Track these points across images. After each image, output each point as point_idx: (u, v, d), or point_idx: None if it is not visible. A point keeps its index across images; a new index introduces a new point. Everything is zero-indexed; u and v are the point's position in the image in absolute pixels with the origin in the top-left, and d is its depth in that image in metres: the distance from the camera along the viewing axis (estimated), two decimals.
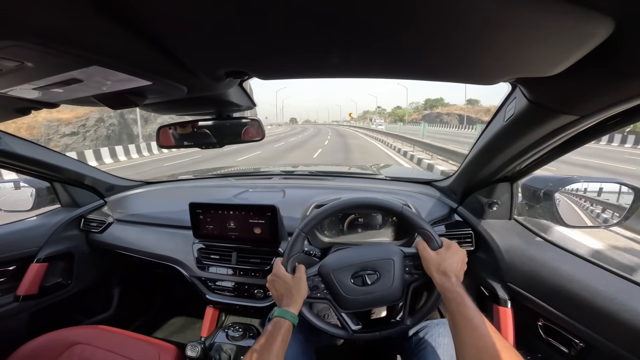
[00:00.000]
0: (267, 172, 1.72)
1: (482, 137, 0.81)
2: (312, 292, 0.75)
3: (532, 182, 0.92)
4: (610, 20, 0.32)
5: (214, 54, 0.45)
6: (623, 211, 0.81)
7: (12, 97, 0.54)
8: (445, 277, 0.65)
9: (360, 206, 0.89)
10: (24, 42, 0.33)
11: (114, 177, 1.47)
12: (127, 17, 0.33)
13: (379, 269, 0.74)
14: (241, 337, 1.10)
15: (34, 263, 1.17)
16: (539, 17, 0.31)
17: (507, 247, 0.91)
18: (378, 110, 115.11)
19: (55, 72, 0.42)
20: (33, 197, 1.25)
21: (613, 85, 0.43)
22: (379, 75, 0.53)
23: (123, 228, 1.31)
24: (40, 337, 0.94)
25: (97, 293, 1.46)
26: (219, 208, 1.05)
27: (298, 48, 0.42)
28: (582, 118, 0.53)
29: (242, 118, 0.84)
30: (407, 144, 12.58)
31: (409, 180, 1.37)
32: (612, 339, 0.62)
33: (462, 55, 0.42)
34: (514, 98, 0.63)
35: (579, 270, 0.75)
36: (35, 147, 1.07)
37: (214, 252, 1.11)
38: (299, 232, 0.78)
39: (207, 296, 1.12)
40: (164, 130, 0.85)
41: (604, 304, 0.65)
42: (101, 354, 0.90)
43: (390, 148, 13.55)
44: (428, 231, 0.73)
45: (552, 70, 0.43)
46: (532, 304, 0.81)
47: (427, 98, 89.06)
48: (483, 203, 0.98)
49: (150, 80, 0.48)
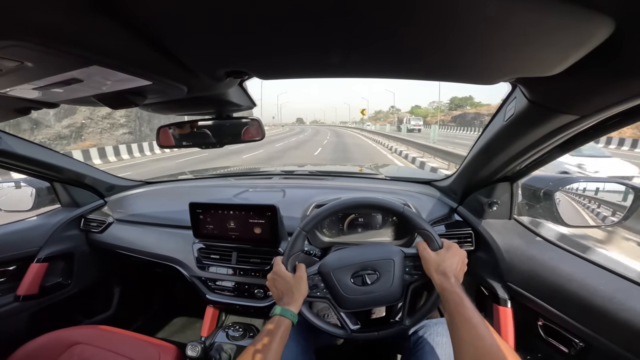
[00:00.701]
0: (267, 172, 1.72)
1: (482, 137, 0.82)
2: (311, 291, 0.75)
3: (532, 181, 0.92)
4: (611, 20, 0.32)
5: (214, 54, 0.45)
6: (623, 210, 0.81)
7: (12, 97, 0.54)
8: (444, 277, 0.65)
9: (361, 206, 0.89)
10: (24, 42, 0.33)
11: (114, 177, 1.47)
12: (127, 17, 0.33)
13: (379, 269, 0.74)
14: (241, 337, 1.10)
15: (34, 263, 1.17)
16: (539, 16, 0.31)
17: (507, 246, 0.91)
18: (392, 110, 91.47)
19: (55, 72, 0.42)
20: (33, 197, 1.25)
21: (613, 85, 0.43)
22: (379, 75, 0.53)
23: (123, 228, 1.31)
24: (40, 337, 0.94)
25: (97, 293, 1.46)
26: (219, 208, 1.05)
27: (298, 48, 0.42)
28: (582, 118, 0.53)
29: (242, 118, 0.83)
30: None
31: (409, 180, 1.37)
32: (612, 338, 0.63)
33: (461, 55, 0.42)
34: (514, 98, 0.63)
35: (578, 269, 0.75)
36: (35, 147, 1.07)
37: (214, 252, 1.11)
38: (299, 230, 0.78)
39: (207, 296, 1.12)
40: (164, 130, 0.85)
41: (604, 303, 0.65)
42: (101, 354, 0.90)
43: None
44: (429, 232, 0.73)
45: (552, 70, 0.43)
46: (532, 303, 0.81)
47: (453, 96, 70.59)
48: (483, 203, 0.98)
49: (150, 80, 0.48)
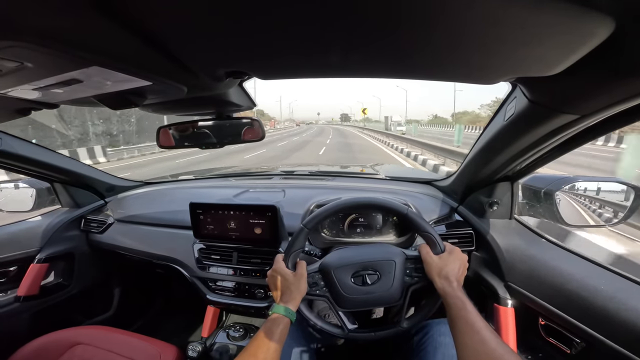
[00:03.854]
0: (267, 172, 1.72)
1: (483, 136, 0.81)
2: (311, 289, 0.75)
3: (532, 181, 0.92)
4: (611, 19, 0.32)
5: (214, 55, 0.45)
6: (624, 210, 0.81)
7: (12, 97, 0.54)
8: (446, 281, 0.65)
9: (365, 206, 0.89)
10: (24, 42, 0.33)
11: (114, 178, 1.47)
12: (127, 19, 0.33)
13: (380, 270, 0.74)
14: (242, 337, 1.10)
15: (35, 263, 1.17)
16: (539, 16, 0.31)
17: (507, 246, 0.91)
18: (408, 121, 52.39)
19: (55, 73, 0.42)
20: (33, 198, 1.25)
21: (613, 84, 0.43)
22: (379, 75, 0.53)
23: (123, 228, 1.31)
24: (41, 337, 0.94)
25: (97, 293, 1.46)
26: (219, 208, 1.05)
27: (298, 48, 0.42)
28: (582, 118, 0.53)
29: (242, 118, 0.83)
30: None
31: (409, 180, 1.37)
32: (613, 337, 0.62)
33: (461, 54, 0.42)
34: (514, 98, 0.63)
35: (579, 269, 0.75)
36: (35, 147, 1.07)
37: (215, 252, 1.11)
38: (302, 227, 0.78)
39: (207, 296, 1.12)
40: (164, 130, 0.85)
41: (604, 303, 0.64)
42: (102, 355, 0.90)
43: None
44: (432, 235, 0.73)
45: (552, 70, 0.43)
46: (532, 303, 0.81)
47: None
48: (483, 203, 0.98)
49: (150, 80, 0.48)
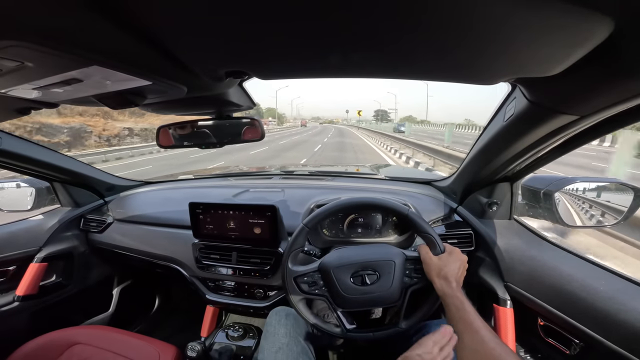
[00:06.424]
0: (267, 172, 1.72)
1: (482, 137, 0.82)
2: (310, 288, 0.75)
3: (532, 182, 0.92)
4: (610, 20, 0.32)
5: (214, 55, 0.45)
6: (623, 210, 0.81)
7: (12, 97, 0.54)
8: (446, 282, 0.65)
9: (365, 206, 0.89)
10: (24, 42, 0.33)
11: (114, 177, 1.47)
12: (127, 18, 0.33)
13: (380, 270, 0.74)
14: (241, 337, 1.10)
15: (34, 263, 1.17)
16: (539, 16, 0.31)
17: (507, 247, 0.91)
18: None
19: (55, 72, 0.42)
20: (33, 197, 1.25)
21: (613, 85, 0.43)
22: (378, 75, 0.53)
23: (123, 228, 1.31)
24: (40, 337, 0.94)
25: (97, 293, 1.46)
26: (218, 208, 1.05)
27: (297, 49, 0.42)
28: (582, 118, 0.53)
29: (242, 118, 0.84)
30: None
31: (409, 180, 1.37)
32: (612, 338, 0.62)
33: (461, 55, 0.42)
34: (513, 98, 0.63)
35: (578, 270, 0.75)
36: (35, 147, 1.07)
37: (214, 252, 1.10)
38: (303, 226, 0.78)
39: (207, 296, 1.12)
40: (163, 130, 0.85)
41: (604, 303, 0.64)
42: (101, 354, 0.90)
43: None
44: (432, 236, 0.73)
45: (552, 70, 0.43)
46: (532, 303, 0.81)
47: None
48: (483, 203, 0.98)
49: (150, 80, 0.48)
